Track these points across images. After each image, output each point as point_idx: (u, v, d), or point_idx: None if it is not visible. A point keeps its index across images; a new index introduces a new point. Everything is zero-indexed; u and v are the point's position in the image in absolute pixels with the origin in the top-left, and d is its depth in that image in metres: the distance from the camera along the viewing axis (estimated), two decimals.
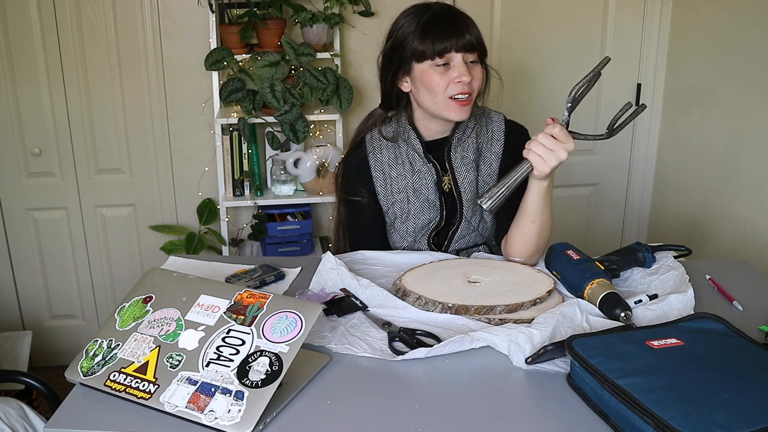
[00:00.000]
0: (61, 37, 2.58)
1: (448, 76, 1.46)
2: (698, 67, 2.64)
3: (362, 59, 2.73)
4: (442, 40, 1.45)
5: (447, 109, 1.49)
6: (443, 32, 1.45)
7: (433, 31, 1.46)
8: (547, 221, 1.43)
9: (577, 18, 2.82)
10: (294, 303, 1.05)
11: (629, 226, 3.11)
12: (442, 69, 1.47)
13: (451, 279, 1.33)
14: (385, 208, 1.61)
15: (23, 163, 2.70)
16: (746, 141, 2.36)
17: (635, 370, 0.95)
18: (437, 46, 1.45)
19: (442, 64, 1.46)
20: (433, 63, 1.46)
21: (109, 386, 1.00)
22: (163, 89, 2.70)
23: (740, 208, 2.41)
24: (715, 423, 0.84)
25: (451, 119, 1.51)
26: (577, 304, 1.21)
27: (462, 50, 1.45)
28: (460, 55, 1.45)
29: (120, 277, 2.89)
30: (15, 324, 2.85)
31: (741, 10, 2.37)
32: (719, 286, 1.36)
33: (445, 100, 1.48)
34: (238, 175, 2.64)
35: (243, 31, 2.48)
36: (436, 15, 1.48)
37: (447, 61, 1.46)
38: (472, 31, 1.46)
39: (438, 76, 1.47)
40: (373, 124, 1.64)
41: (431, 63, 1.47)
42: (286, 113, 2.47)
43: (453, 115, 1.49)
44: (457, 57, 1.46)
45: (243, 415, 0.92)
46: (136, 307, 1.11)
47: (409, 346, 1.13)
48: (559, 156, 1.31)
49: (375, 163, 1.59)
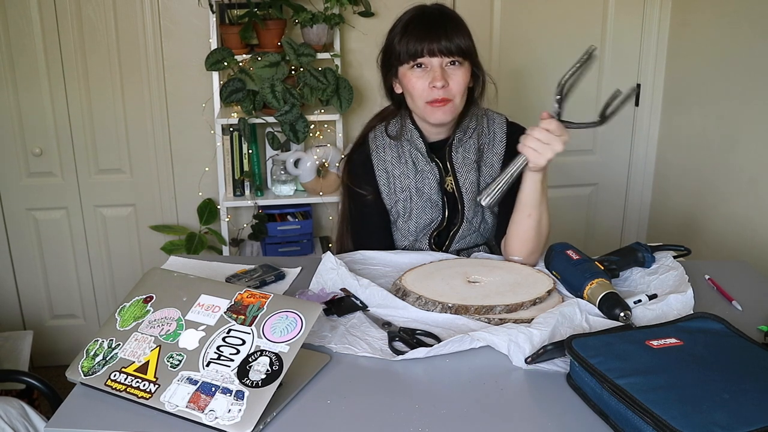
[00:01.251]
0: (61, 38, 2.58)
1: (425, 80, 1.46)
2: (698, 67, 2.64)
3: (362, 59, 2.73)
4: (416, 42, 1.44)
5: (425, 113, 1.49)
6: (418, 35, 1.44)
7: (410, 33, 1.46)
8: (543, 216, 1.43)
9: (576, 18, 2.82)
10: (294, 303, 1.05)
11: (629, 226, 3.12)
12: (419, 72, 1.46)
13: (451, 279, 1.34)
14: (388, 206, 1.61)
15: (24, 163, 2.71)
16: (746, 141, 2.37)
17: (635, 369, 0.96)
18: (411, 49, 1.45)
19: (418, 66, 1.46)
20: (409, 66, 1.47)
21: (109, 386, 1.01)
22: (164, 89, 2.70)
23: (740, 208, 2.41)
24: (714, 423, 0.85)
25: (432, 122, 1.51)
26: (577, 304, 1.21)
27: (437, 54, 1.44)
28: (437, 59, 1.44)
29: (120, 277, 2.89)
30: (16, 324, 2.86)
31: (740, 11, 2.37)
32: (718, 286, 1.36)
33: (424, 105, 1.48)
34: (239, 175, 2.64)
35: (243, 32, 2.48)
36: (417, 17, 1.48)
37: (423, 64, 1.46)
38: (451, 36, 1.44)
39: (415, 79, 1.47)
40: (380, 120, 1.64)
41: (408, 66, 1.47)
42: (287, 113, 2.47)
43: (431, 119, 1.49)
44: (432, 61, 1.45)
45: (243, 414, 0.92)
46: (137, 307, 1.11)
47: (409, 346, 1.13)
48: (554, 148, 1.31)
49: (378, 162, 1.60)
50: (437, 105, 1.47)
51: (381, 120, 1.64)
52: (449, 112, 1.49)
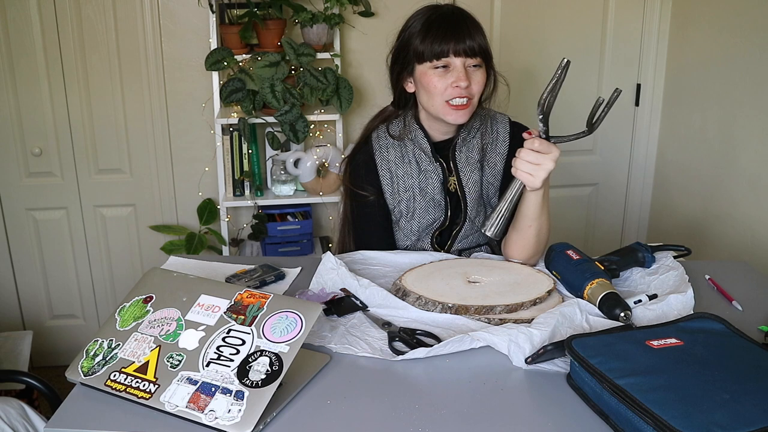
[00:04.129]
0: (61, 38, 2.58)
1: (446, 79, 1.46)
2: (698, 68, 2.64)
3: (362, 59, 2.73)
4: (441, 42, 1.44)
5: (444, 113, 1.49)
6: (443, 35, 1.44)
7: (434, 32, 1.45)
8: (544, 224, 1.44)
9: (577, 18, 2.83)
10: (294, 303, 1.05)
11: (629, 226, 3.12)
12: (441, 72, 1.46)
13: (451, 279, 1.34)
14: (391, 206, 1.61)
15: (24, 163, 2.71)
16: (746, 141, 2.37)
17: (635, 370, 0.96)
18: (435, 48, 1.44)
19: (441, 66, 1.46)
20: (431, 65, 1.46)
21: (109, 386, 1.01)
22: (164, 89, 2.70)
23: (740, 208, 2.41)
24: (714, 423, 0.84)
25: (449, 122, 1.51)
26: (577, 304, 1.21)
27: (462, 54, 1.44)
28: (460, 59, 1.45)
29: (120, 277, 2.89)
30: (15, 324, 2.86)
31: (740, 11, 2.37)
32: (719, 286, 1.36)
33: (443, 104, 1.48)
34: (238, 175, 2.64)
35: (243, 32, 2.48)
36: (440, 17, 1.47)
37: (446, 64, 1.46)
38: (474, 36, 1.45)
39: (436, 78, 1.46)
40: (382, 121, 1.64)
41: (430, 65, 1.46)
42: (286, 113, 2.47)
43: (450, 119, 1.49)
44: (455, 61, 1.45)
45: (243, 414, 0.92)
46: (137, 307, 1.11)
47: (409, 346, 1.13)
48: (546, 167, 1.32)
49: (381, 162, 1.59)
50: (458, 108, 1.47)
51: (383, 121, 1.64)
52: (468, 113, 1.49)
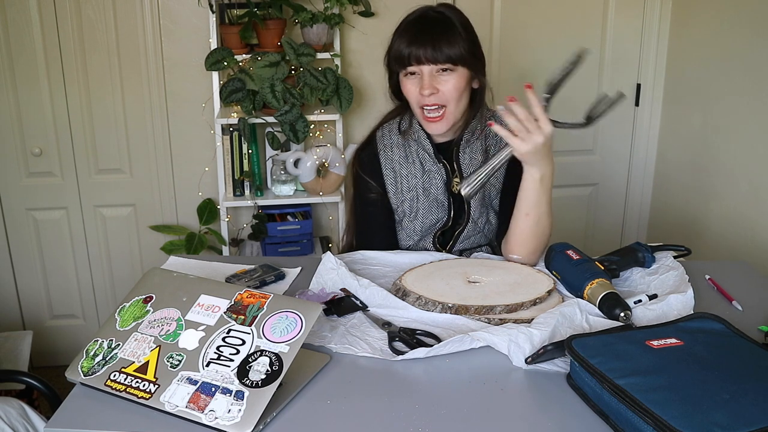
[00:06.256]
0: (61, 37, 2.58)
1: (417, 86, 1.45)
2: (698, 67, 2.64)
3: (362, 59, 2.73)
4: (405, 49, 1.43)
5: (422, 121, 1.49)
6: (409, 41, 1.43)
7: (402, 38, 1.45)
8: (543, 218, 1.42)
9: (577, 18, 2.82)
10: (294, 303, 1.05)
11: (629, 226, 3.11)
12: (412, 78, 1.46)
13: (451, 279, 1.34)
14: (394, 205, 1.61)
15: (23, 163, 2.71)
16: (746, 141, 2.36)
17: (635, 370, 0.96)
18: (403, 55, 1.44)
19: (410, 73, 1.45)
20: (403, 73, 1.47)
21: (109, 386, 1.01)
22: (163, 89, 2.70)
23: (740, 208, 2.41)
24: (714, 423, 0.85)
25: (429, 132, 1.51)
26: (577, 304, 1.21)
27: (424, 62, 1.42)
28: (428, 66, 1.43)
29: (120, 277, 2.89)
30: (15, 324, 2.86)
31: (740, 10, 2.37)
32: (719, 286, 1.36)
33: (420, 111, 1.48)
34: (238, 175, 2.64)
35: (243, 32, 2.48)
36: (410, 22, 1.47)
37: (414, 71, 1.45)
38: (438, 42, 1.41)
39: (410, 84, 1.46)
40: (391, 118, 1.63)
41: (403, 72, 1.47)
42: (287, 113, 2.47)
43: (428, 130, 1.49)
44: (423, 68, 1.43)
45: (243, 414, 0.92)
46: (137, 307, 1.11)
47: (409, 346, 1.13)
48: (534, 139, 1.29)
49: (386, 161, 1.59)
50: (432, 120, 1.46)
51: (396, 116, 1.62)
52: (444, 124, 1.48)
